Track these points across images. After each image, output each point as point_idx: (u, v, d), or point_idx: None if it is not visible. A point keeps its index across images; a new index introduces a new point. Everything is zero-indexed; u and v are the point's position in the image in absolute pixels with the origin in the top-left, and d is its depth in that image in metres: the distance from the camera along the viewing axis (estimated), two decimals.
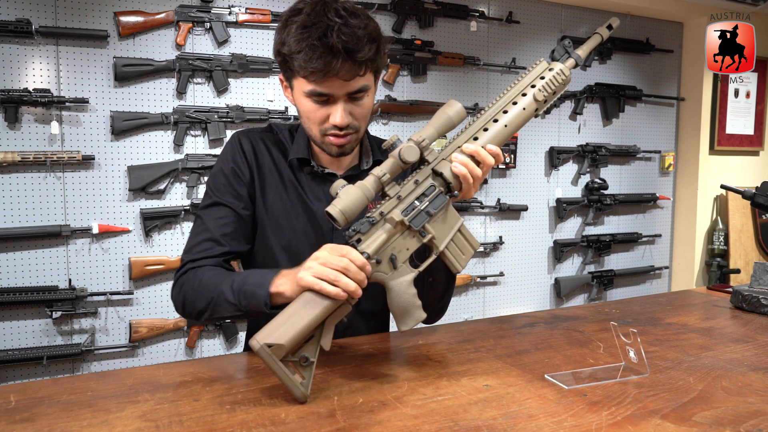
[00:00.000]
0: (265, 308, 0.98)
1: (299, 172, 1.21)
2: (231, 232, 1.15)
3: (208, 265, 1.12)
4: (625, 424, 0.81)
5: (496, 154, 1.02)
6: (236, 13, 2.73)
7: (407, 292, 0.96)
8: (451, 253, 0.99)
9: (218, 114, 2.70)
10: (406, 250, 0.96)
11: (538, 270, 3.68)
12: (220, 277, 1.07)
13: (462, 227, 1.00)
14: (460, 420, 0.81)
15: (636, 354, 0.99)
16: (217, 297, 1.04)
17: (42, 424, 0.79)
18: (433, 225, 0.97)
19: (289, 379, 0.85)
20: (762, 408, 0.87)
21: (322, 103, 1.08)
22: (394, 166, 0.95)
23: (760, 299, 1.45)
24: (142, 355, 2.69)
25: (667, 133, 4.09)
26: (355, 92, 1.07)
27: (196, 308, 1.09)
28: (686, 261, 4.11)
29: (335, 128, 1.09)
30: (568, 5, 3.61)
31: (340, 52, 1.00)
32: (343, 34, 1.00)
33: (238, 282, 1.03)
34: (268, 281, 0.99)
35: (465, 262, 0.99)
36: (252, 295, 1.00)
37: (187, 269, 1.13)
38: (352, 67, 1.03)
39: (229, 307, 1.03)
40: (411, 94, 3.16)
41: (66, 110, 2.49)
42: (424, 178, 0.98)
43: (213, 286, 1.06)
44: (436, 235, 0.97)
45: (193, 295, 1.09)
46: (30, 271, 2.47)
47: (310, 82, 1.05)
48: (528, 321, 1.38)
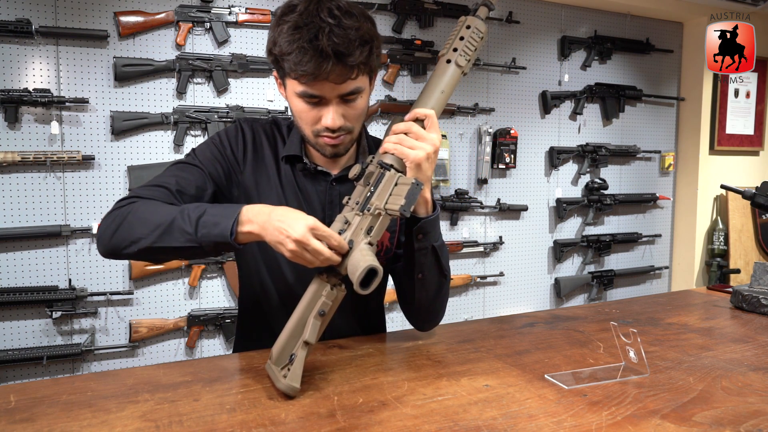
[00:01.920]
0: (230, 238, 0.95)
1: (294, 168, 1.20)
2: (190, 195, 1.11)
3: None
4: (625, 424, 0.81)
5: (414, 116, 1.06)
6: (236, 13, 2.73)
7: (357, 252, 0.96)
8: (390, 203, 0.97)
9: (218, 114, 2.70)
10: (360, 230, 0.98)
11: (538, 270, 3.68)
12: (169, 206, 1.02)
13: (399, 178, 1.00)
14: (460, 420, 0.81)
15: (636, 354, 0.99)
16: (168, 224, 0.98)
17: (42, 424, 0.79)
18: (376, 198, 1.00)
19: (275, 375, 0.92)
20: (762, 408, 0.87)
21: (314, 105, 1.07)
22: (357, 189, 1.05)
23: (760, 299, 1.45)
24: (142, 355, 2.69)
25: (667, 133, 4.09)
26: (347, 94, 1.06)
27: (132, 235, 1.00)
28: (686, 261, 4.11)
29: (327, 130, 1.08)
30: (568, 5, 3.60)
31: (330, 56, 0.98)
32: (334, 36, 0.98)
33: (195, 211, 0.99)
34: (234, 212, 0.97)
35: (402, 199, 0.94)
36: (214, 225, 0.97)
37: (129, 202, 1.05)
38: (343, 71, 1.01)
39: (180, 237, 0.98)
40: (411, 94, 3.16)
41: (66, 110, 2.49)
42: (374, 177, 1.03)
43: (163, 213, 1.00)
44: (379, 203, 0.98)
45: (133, 221, 1.01)
46: (30, 271, 2.47)
47: (301, 83, 1.04)
48: (528, 321, 1.38)
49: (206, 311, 2.73)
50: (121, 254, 1.03)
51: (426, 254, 1.12)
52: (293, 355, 0.93)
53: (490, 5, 1.13)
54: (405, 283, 1.19)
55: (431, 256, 1.13)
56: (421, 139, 1.03)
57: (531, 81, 3.53)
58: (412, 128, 1.04)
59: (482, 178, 3.37)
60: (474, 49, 1.10)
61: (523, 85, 3.51)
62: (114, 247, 1.04)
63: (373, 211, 0.98)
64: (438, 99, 1.08)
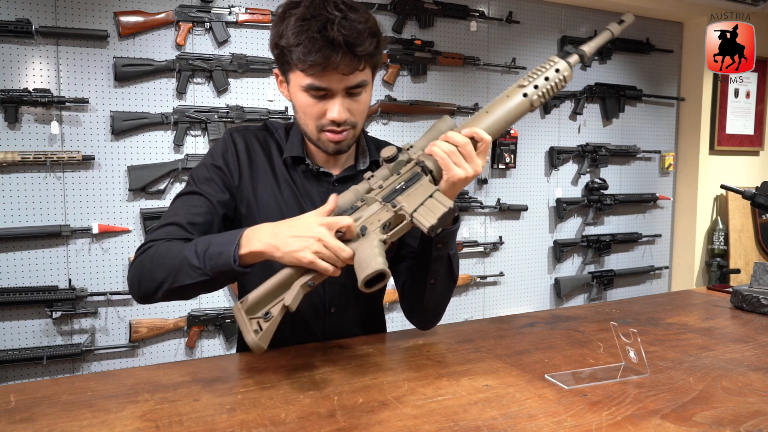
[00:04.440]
0: (234, 264, 0.95)
1: (293, 170, 1.19)
2: (200, 223, 1.11)
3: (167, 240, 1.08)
4: (625, 424, 0.81)
5: (473, 135, 1.02)
6: (236, 13, 2.73)
7: (369, 246, 0.93)
8: (420, 214, 0.95)
9: (218, 114, 2.70)
10: (377, 221, 0.97)
11: (538, 270, 3.68)
12: (182, 244, 1.03)
13: (436, 193, 0.97)
14: (460, 420, 0.81)
15: (636, 354, 0.99)
16: (180, 263, 0.99)
17: (42, 424, 0.79)
18: (405, 198, 0.98)
19: (245, 324, 0.91)
20: (762, 408, 0.87)
21: (320, 98, 1.06)
22: (383, 170, 1.03)
23: (760, 299, 1.45)
24: (142, 355, 2.69)
25: (667, 133, 4.09)
26: (353, 87, 1.06)
27: (155, 281, 1.02)
28: (686, 261, 4.11)
29: (333, 124, 1.08)
30: (568, 5, 3.61)
31: (340, 46, 0.99)
32: (343, 28, 0.99)
33: (202, 245, 0.99)
34: (235, 238, 0.97)
35: (435, 219, 0.93)
36: (218, 255, 0.96)
37: (147, 248, 1.07)
38: (351, 61, 1.02)
39: (193, 273, 0.98)
40: (411, 94, 3.16)
41: (66, 110, 2.49)
42: (408, 170, 1.02)
43: (175, 253, 1.01)
44: (407, 206, 0.97)
45: (152, 267, 1.03)
46: (30, 271, 2.47)
47: (308, 75, 1.03)
48: (528, 321, 1.38)
49: (206, 311, 2.73)
50: (153, 299, 1.05)
51: (441, 262, 1.13)
52: (269, 313, 0.91)
53: (585, 59, 1.10)
54: (413, 287, 1.19)
55: (446, 263, 1.14)
56: (470, 160, 1.01)
57: None
58: (467, 147, 1.01)
59: (482, 178, 3.37)
60: (552, 94, 1.07)
61: None
62: (144, 295, 1.06)
63: (398, 209, 0.97)
64: (499, 128, 1.05)
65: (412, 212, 0.95)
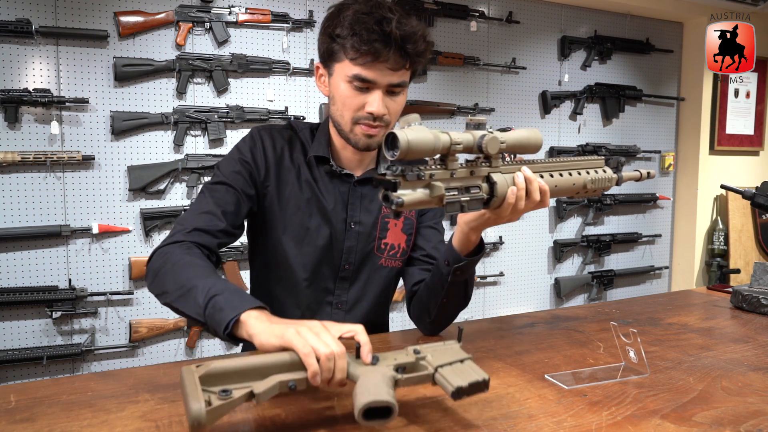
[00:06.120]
0: (223, 330, 0.87)
1: (316, 170, 1.21)
2: (232, 212, 1.13)
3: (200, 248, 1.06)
4: (625, 424, 0.81)
5: (545, 192, 1.00)
6: (236, 13, 2.73)
7: (379, 375, 0.78)
8: (447, 372, 0.80)
9: (218, 114, 2.70)
10: (393, 359, 0.82)
11: (538, 270, 3.68)
12: (205, 270, 0.98)
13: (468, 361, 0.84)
14: (460, 420, 0.81)
15: (636, 354, 0.99)
16: (189, 290, 0.95)
17: (42, 424, 0.79)
18: (429, 349, 0.84)
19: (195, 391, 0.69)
20: (762, 408, 0.87)
21: (362, 90, 1.09)
22: (468, 144, 0.90)
23: (760, 299, 1.45)
24: (142, 355, 2.69)
25: (667, 133, 4.09)
26: (395, 85, 1.10)
27: (163, 288, 1.01)
28: (686, 261, 4.11)
29: (369, 117, 1.10)
30: (568, 5, 3.61)
31: (395, 40, 1.04)
32: (400, 25, 1.05)
33: (215, 289, 0.92)
34: (243, 307, 0.87)
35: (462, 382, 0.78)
36: (220, 311, 0.89)
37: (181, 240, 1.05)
38: (400, 58, 1.06)
39: (194, 307, 0.93)
40: (411, 94, 3.16)
41: (66, 110, 2.49)
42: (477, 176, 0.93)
43: (191, 275, 0.97)
44: (431, 358, 0.83)
45: (168, 273, 1.00)
46: (30, 271, 2.47)
47: (356, 65, 1.07)
48: (528, 321, 1.38)
49: None
50: (159, 299, 1.05)
51: (458, 286, 1.13)
52: (229, 392, 0.71)
53: (620, 181, 1.13)
54: (426, 302, 1.19)
55: (462, 287, 1.15)
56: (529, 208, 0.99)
57: (531, 81, 3.53)
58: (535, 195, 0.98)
59: None
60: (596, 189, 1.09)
61: (523, 85, 3.51)
62: (152, 292, 1.06)
63: (420, 356, 0.82)
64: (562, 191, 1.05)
65: (437, 366, 0.81)
